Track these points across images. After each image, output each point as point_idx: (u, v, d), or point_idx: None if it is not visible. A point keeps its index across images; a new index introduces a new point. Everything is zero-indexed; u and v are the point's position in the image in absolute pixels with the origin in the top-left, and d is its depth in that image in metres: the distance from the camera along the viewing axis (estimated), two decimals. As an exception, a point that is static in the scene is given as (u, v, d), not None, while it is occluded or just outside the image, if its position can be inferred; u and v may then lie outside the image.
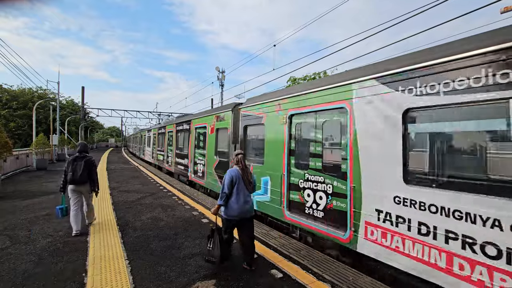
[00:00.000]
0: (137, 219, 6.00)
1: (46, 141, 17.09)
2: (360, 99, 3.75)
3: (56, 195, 8.34)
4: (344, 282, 3.39)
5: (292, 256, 4.16)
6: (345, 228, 3.92)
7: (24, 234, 4.96)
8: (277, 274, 3.58)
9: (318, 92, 4.46)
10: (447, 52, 2.88)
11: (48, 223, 5.62)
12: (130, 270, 3.62)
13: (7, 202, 7.42)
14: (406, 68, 3.21)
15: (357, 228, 3.73)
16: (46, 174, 13.92)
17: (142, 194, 8.84)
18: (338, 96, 4.09)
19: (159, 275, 3.50)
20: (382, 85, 3.47)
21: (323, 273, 3.62)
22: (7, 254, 4.10)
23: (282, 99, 5.30)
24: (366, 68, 3.86)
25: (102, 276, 3.46)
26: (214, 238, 3.66)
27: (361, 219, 3.68)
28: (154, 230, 5.27)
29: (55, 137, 21.77)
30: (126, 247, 4.40)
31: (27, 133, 31.70)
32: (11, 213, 6.36)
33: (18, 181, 11.40)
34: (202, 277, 3.47)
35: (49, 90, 35.64)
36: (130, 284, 3.28)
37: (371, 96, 3.60)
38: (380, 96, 3.49)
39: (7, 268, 3.65)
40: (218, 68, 25.01)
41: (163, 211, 6.68)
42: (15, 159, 14.47)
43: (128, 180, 11.94)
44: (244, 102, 6.94)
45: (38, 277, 3.41)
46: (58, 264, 3.77)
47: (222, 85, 25.25)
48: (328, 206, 4.23)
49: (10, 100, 33.65)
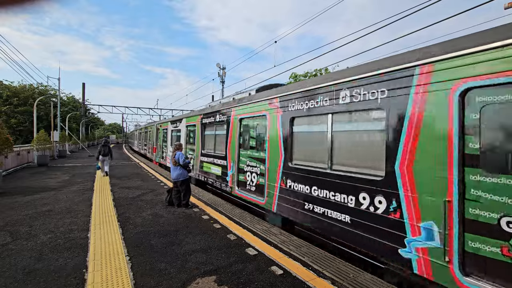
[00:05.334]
0: (137, 215, 6.01)
1: (47, 138, 17.10)
2: (271, 110, 5.88)
3: (56, 192, 8.40)
4: (344, 278, 3.39)
5: (292, 253, 4.15)
6: (263, 196, 6.05)
7: (25, 230, 4.97)
8: (277, 270, 3.58)
9: (252, 103, 6.68)
10: (306, 84, 4.98)
11: (49, 219, 5.63)
12: (131, 266, 3.63)
13: (8, 198, 7.44)
14: (290, 92, 5.29)
15: (269, 195, 5.82)
16: (47, 170, 13.95)
17: (142, 190, 8.85)
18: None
19: (159, 271, 3.51)
20: (280, 102, 5.60)
21: (323, 270, 3.62)
22: (8, 250, 4.11)
23: (235, 106, 7.48)
24: (274, 90, 6.02)
25: (103, 272, 3.47)
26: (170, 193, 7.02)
27: (270, 187, 5.80)
28: (154, 227, 5.27)
29: (56, 133, 21.81)
30: (127, 243, 4.41)
31: (28, 129, 31.74)
32: (12, 209, 6.38)
33: (19, 177, 11.43)
34: (202, 273, 3.47)
35: (49, 87, 35.57)
36: (130, 280, 3.28)
37: (277, 108, 5.70)
38: (279, 108, 5.61)
39: (8, 263, 3.66)
40: (219, 64, 24.89)
41: (164, 208, 6.68)
42: (16, 156, 14.50)
43: (129, 176, 11.96)
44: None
45: (38, 273, 3.42)
46: (58, 260, 3.78)
47: (223, 82, 25.15)
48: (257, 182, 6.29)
49: (11, 97, 33.63)
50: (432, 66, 3.06)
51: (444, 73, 2.96)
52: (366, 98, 3.78)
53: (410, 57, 3.30)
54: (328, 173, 4.34)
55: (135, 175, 12.45)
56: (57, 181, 10.43)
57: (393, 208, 3.34)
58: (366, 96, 3.78)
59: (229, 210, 6.56)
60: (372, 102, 3.70)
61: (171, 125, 14.45)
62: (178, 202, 6.80)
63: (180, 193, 6.81)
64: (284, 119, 5.44)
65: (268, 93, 6.15)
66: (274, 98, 5.77)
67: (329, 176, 4.32)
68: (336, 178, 4.18)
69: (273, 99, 5.81)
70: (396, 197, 3.32)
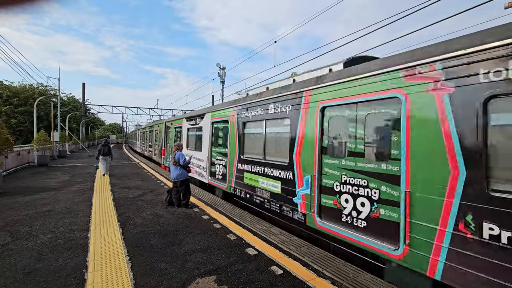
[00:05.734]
0: (137, 215, 6.01)
1: (47, 138, 17.10)
2: (234, 115, 7.51)
3: (57, 192, 8.41)
4: (344, 278, 3.39)
5: (292, 252, 4.15)
6: (225, 182, 7.50)
7: (25, 230, 4.98)
8: (277, 270, 3.58)
9: (223, 109, 8.17)
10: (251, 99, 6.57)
11: (49, 219, 5.63)
12: (131, 266, 3.63)
13: (9, 198, 7.45)
14: (244, 103, 6.94)
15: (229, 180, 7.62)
16: (47, 170, 13.95)
17: (143, 190, 8.85)
18: (226, 113, 8.07)
19: (159, 271, 3.51)
20: (235, 110, 7.40)
21: (323, 269, 3.62)
22: (8, 250, 4.11)
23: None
24: (238, 100, 7.30)
25: (103, 272, 3.47)
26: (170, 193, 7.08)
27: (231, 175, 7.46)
28: (154, 227, 5.28)
29: (56, 133, 21.82)
30: (127, 243, 4.41)
31: (29, 129, 31.71)
32: (12, 209, 6.38)
33: (20, 177, 11.43)
34: (202, 273, 3.47)
35: (50, 87, 35.57)
36: (130, 280, 3.28)
37: (236, 114, 7.43)
38: (236, 115, 7.38)
39: (8, 263, 3.66)
40: (219, 64, 24.88)
41: (164, 208, 6.68)
42: (16, 156, 14.51)
43: (129, 176, 11.97)
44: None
45: (38, 273, 3.42)
46: (58, 260, 3.78)
47: (223, 82, 25.15)
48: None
49: (11, 97, 33.60)
50: (310, 92, 4.85)
51: (314, 97, 4.78)
52: (282, 110, 5.62)
53: (302, 86, 5.10)
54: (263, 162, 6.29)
55: (135, 175, 12.45)
56: (57, 181, 10.44)
57: (292, 178, 5.25)
58: (282, 109, 5.62)
59: (229, 210, 6.56)
60: (284, 113, 5.53)
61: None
62: (178, 202, 6.80)
63: (180, 193, 6.82)
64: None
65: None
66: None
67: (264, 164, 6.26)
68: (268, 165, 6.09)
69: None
70: (293, 172, 5.23)
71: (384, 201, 3.61)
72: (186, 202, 6.77)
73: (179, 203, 6.79)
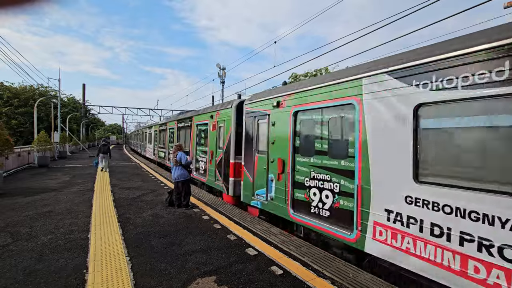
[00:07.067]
0: (138, 216, 6.02)
1: (48, 139, 17.11)
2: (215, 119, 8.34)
3: (57, 193, 8.42)
4: (344, 278, 3.39)
5: (292, 253, 4.16)
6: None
7: (25, 231, 4.98)
8: (277, 270, 3.58)
9: (201, 115, 8.79)
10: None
11: (50, 220, 5.64)
12: (131, 267, 3.63)
13: (9, 199, 7.46)
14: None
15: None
16: (48, 171, 13.96)
17: (143, 191, 8.86)
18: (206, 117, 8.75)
19: (159, 272, 3.51)
20: (226, 111, 7.93)
21: (323, 269, 3.62)
22: (9, 250, 4.12)
23: (193, 115, 8.44)
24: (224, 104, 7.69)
25: (103, 272, 3.47)
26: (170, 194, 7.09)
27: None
28: (155, 227, 5.28)
29: (57, 134, 21.81)
30: (127, 244, 4.42)
31: (29, 130, 31.76)
32: (13, 210, 6.39)
33: (20, 178, 11.45)
34: (202, 274, 3.48)
35: (50, 88, 35.64)
36: (130, 280, 3.28)
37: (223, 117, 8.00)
38: (224, 119, 8.01)
39: (8, 264, 3.67)
40: (219, 65, 24.93)
41: (164, 208, 6.69)
42: (16, 157, 14.52)
43: (129, 177, 11.98)
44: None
45: (39, 274, 3.42)
46: (59, 261, 3.79)
47: (223, 82, 25.18)
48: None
49: (12, 98, 33.66)
50: (287, 97, 5.36)
51: (289, 102, 5.31)
52: (265, 113, 6.11)
53: (282, 91, 5.62)
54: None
55: (135, 175, 12.46)
56: (57, 182, 10.45)
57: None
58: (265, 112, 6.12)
59: (229, 211, 6.57)
60: (267, 116, 6.00)
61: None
62: (178, 202, 6.81)
63: (180, 193, 6.83)
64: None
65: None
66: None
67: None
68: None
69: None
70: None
71: (343, 193, 4.10)
72: (186, 202, 6.77)
73: (179, 204, 6.79)
